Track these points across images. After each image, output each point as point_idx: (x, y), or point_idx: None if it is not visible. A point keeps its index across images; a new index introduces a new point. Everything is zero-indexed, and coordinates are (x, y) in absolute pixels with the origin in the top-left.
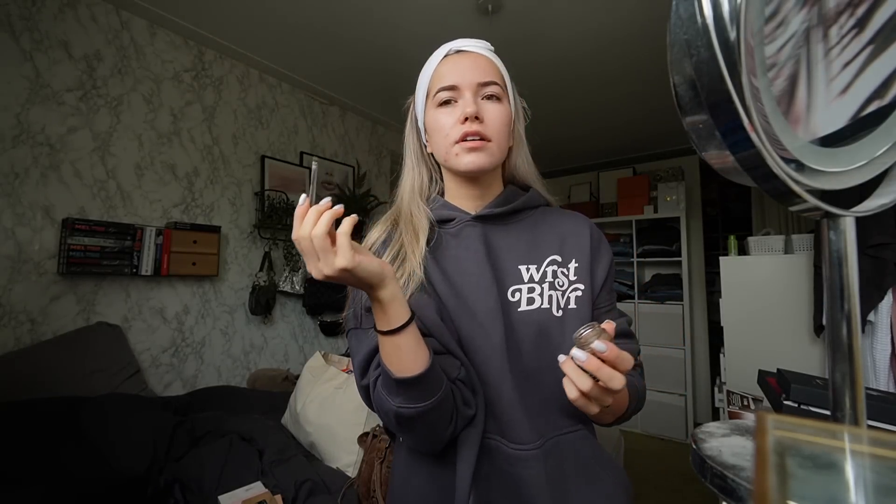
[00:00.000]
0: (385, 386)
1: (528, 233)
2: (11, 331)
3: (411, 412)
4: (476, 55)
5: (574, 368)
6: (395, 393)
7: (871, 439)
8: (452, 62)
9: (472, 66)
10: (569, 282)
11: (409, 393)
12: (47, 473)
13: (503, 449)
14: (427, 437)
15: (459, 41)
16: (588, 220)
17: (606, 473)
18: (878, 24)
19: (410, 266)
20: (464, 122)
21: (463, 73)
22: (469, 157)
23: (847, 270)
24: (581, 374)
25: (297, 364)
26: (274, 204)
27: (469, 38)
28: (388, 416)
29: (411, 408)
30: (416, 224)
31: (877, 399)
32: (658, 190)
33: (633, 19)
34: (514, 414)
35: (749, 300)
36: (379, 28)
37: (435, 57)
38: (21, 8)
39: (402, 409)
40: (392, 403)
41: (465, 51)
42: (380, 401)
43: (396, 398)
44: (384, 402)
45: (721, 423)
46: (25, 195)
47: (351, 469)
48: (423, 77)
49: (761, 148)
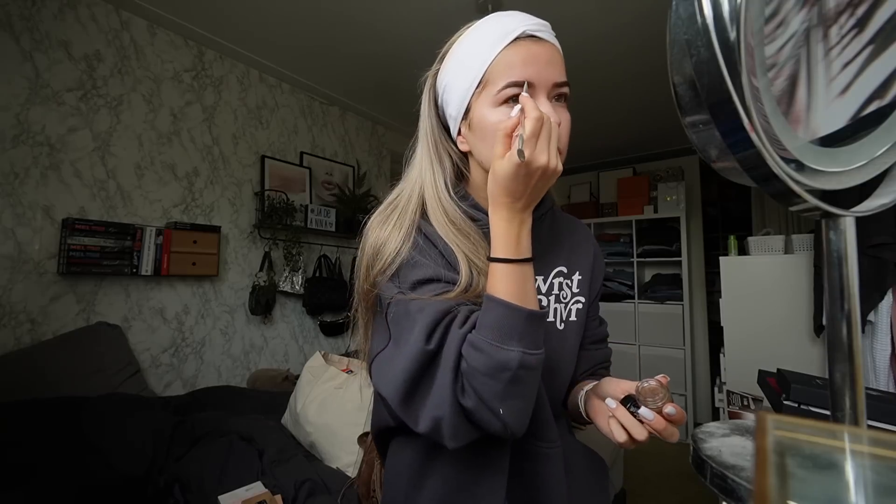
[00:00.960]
0: (499, 331)
1: (536, 241)
2: (11, 331)
3: (533, 359)
4: (550, 46)
5: (634, 424)
6: (515, 337)
7: (871, 439)
8: (526, 50)
9: (549, 61)
10: (571, 294)
11: (533, 335)
12: (47, 473)
13: (531, 448)
14: (530, 401)
15: (529, 21)
16: (588, 230)
17: (587, 459)
18: (878, 24)
19: (468, 272)
20: None
21: (540, 69)
22: None
23: (847, 270)
24: (641, 429)
25: (297, 364)
26: (274, 204)
27: (536, 18)
28: (499, 374)
29: (534, 354)
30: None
31: (877, 399)
32: (658, 190)
33: (633, 19)
34: (546, 413)
35: (749, 300)
36: (379, 28)
37: (492, 35)
38: (21, 8)
39: (527, 355)
40: (514, 351)
41: (540, 38)
42: (480, 358)
43: (518, 343)
44: (496, 353)
45: (721, 423)
46: (25, 195)
47: (351, 469)
48: (472, 58)
49: (761, 148)
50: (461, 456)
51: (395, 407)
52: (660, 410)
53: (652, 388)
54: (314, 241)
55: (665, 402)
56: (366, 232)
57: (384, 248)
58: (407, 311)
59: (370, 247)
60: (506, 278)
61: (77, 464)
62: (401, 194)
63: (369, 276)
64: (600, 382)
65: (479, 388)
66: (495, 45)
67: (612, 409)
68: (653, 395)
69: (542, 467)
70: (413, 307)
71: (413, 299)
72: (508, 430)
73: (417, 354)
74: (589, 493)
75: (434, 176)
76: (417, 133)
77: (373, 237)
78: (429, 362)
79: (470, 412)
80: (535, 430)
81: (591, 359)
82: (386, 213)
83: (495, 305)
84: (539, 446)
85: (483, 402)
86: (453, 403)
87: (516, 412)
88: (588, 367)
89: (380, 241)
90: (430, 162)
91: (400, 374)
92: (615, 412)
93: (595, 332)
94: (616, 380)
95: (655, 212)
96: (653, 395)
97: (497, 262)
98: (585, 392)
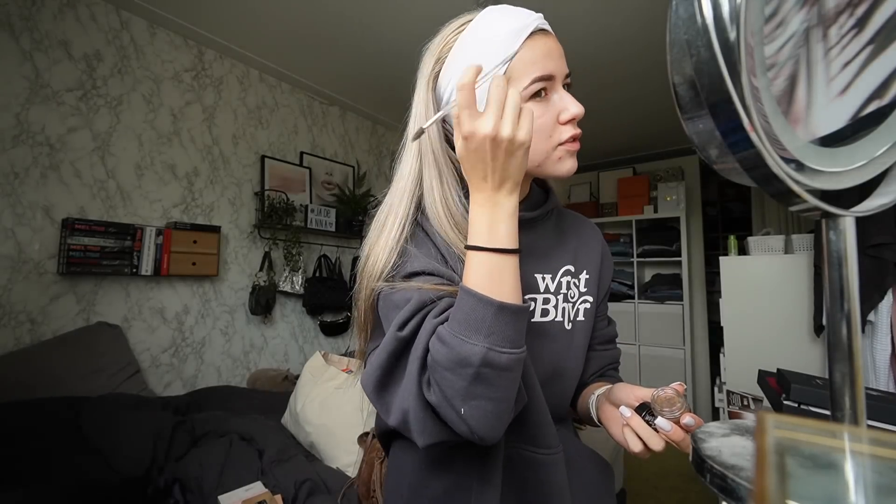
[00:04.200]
0: (465, 324)
1: (544, 239)
2: (11, 331)
3: (504, 358)
4: (556, 39)
5: (651, 434)
6: (482, 331)
7: (871, 439)
8: (543, 44)
9: (560, 53)
10: (579, 293)
11: (504, 330)
12: (47, 473)
13: (530, 456)
14: (501, 405)
15: (535, 15)
16: (598, 228)
17: (593, 464)
18: (877, 23)
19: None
20: (566, 122)
21: (557, 62)
22: (571, 161)
23: (847, 270)
24: (658, 440)
25: (297, 364)
26: (274, 204)
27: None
28: (459, 370)
29: (504, 352)
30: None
31: (877, 399)
32: (658, 190)
33: (633, 19)
34: (544, 417)
35: (749, 300)
36: (378, 28)
37: (504, 30)
38: (21, 8)
39: (493, 351)
40: (477, 345)
41: (548, 31)
42: (442, 351)
43: (484, 339)
44: (459, 346)
45: (721, 423)
46: (25, 195)
47: (351, 469)
48: (489, 56)
49: (761, 148)
50: (459, 461)
51: (370, 398)
52: (677, 420)
53: (669, 398)
54: (314, 241)
55: (683, 411)
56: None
57: (379, 255)
58: (393, 302)
59: (365, 256)
60: (479, 267)
61: (77, 464)
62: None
63: (366, 285)
64: (612, 388)
65: (441, 382)
66: (512, 40)
67: (627, 417)
68: (670, 404)
69: (543, 475)
70: (398, 297)
71: (401, 289)
72: (475, 435)
73: (390, 341)
74: (595, 499)
75: (441, 182)
76: (404, 141)
77: (367, 246)
78: (401, 351)
79: (435, 408)
80: (533, 437)
81: (601, 360)
82: (380, 220)
83: (464, 296)
84: (538, 453)
85: (446, 399)
86: (418, 396)
87: (481, 415)
88: (597, 369)
89: (373, 248)
90: (436, 170)
91: (375, 362)
92: (630, 421)
93: (604, 332)
94: (630, 386)
95: (655, 212)
96: (670, 404)
97: (470, 249)
98: (597, 396)
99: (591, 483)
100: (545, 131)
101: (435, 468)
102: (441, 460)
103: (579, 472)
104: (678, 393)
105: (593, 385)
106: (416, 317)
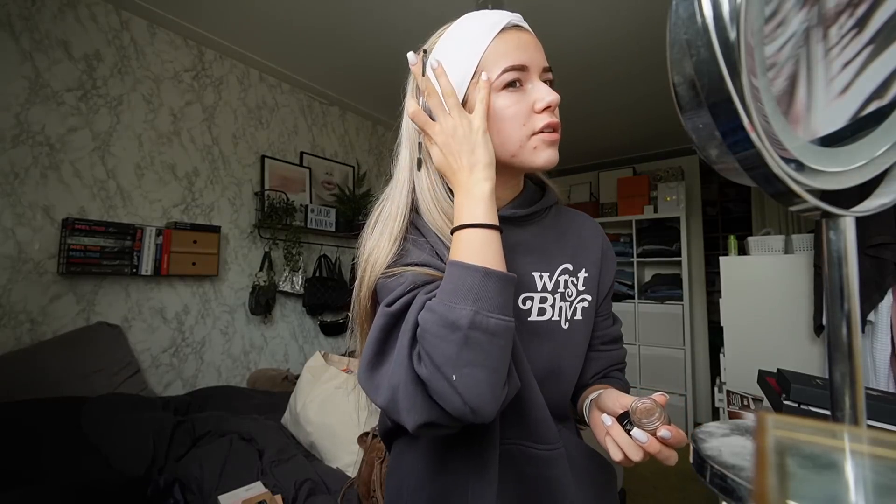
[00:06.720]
0: (453, 292)
1: (541, 237)
2: (11, 331)
3: (492, 322)
4: (533, 34)
5: (629, 444)
6: (470, 297)
7: (871, 439)
8: (515, 38)
9: (536, 47)
10: (577, 292)
11: (492, 296)
12: (47, 473)
13: (529, 452)
14: (493, 374)
15: (510, 13)
16: (599, 227)
17: (595, 463)
18: (877, 23)
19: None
20: (542, 111)
21: (531, 53)
22: (549, 151)
23: (847, 270)
24: (636, 450)
25: (297, 364)
26: (274, 204)
27: (513, 13)
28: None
29: (492, 316)
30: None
31: (877, 399)
32: (658, 190)
33: (633, 19)
34: (542, 413)
35: (749, 300)
36: (378, 28)
37: (477, 28)
38: (21, 8)
39: (481, 315)
40: (464, 309)
41: (523, 27)
42: (431, 318)
43: (472, 303)
44: (448, 312)
45: (721, 423)
46: (25, 195)
47: (351, 469)
48: (463, 52)
49: (761, 148)
50: (456, 459)
51: (361, 381)
52: (654, 432)
53: (647, 408)
54: (314, 241)
55: (661, 423)
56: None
57: (377, 255)
58: (388, 286)
59: (363, 257)
60: (463, 243)
61: (77, 464)
62: (389, 201)
63: (365, 285)
64: (602, 394)
65: (432, 351)
66: (484, 36)
67: (608, 426)
68: (648, 415)
69: (543, 470)
70: (392, 281)
71: (396, 274)
72: (468, 406)
73: (380, 316)
74: (597, 497)
75: (435, 197)
76: (400, 138)
77: (365, 247)
78: (391, 326)
79: (426, 382)
80: (532, 433)
81: (604, 360)
82: (376, 219)
83: (451, 268)
84: (536, 448)
85: (436, 367)
86: (409, 369)
87: (473, 383)
88: (600, 370)
89: (371, 248)
90: (425, 168)
91: (367, 341)
92: (610, 430)
93: (607, 331)
94: (617, 393)
95: (655, 212)
96: (648, 415)
97: (454, 232)
98: (590, 401)
99: (593, 481)
100: (518, 119)
101: (434, 468)
102: (440, 459)
103: (581, 471)
104: (657, 404)
105: (592, 388)
106: (407, 294)
